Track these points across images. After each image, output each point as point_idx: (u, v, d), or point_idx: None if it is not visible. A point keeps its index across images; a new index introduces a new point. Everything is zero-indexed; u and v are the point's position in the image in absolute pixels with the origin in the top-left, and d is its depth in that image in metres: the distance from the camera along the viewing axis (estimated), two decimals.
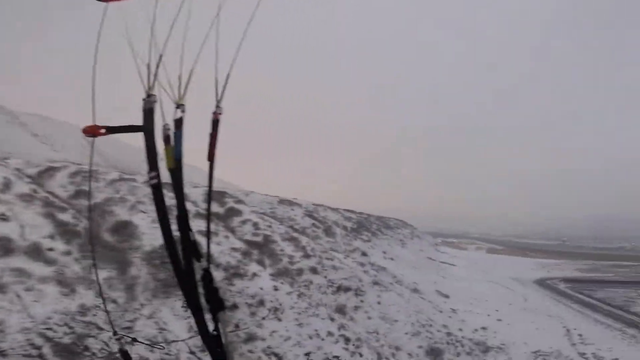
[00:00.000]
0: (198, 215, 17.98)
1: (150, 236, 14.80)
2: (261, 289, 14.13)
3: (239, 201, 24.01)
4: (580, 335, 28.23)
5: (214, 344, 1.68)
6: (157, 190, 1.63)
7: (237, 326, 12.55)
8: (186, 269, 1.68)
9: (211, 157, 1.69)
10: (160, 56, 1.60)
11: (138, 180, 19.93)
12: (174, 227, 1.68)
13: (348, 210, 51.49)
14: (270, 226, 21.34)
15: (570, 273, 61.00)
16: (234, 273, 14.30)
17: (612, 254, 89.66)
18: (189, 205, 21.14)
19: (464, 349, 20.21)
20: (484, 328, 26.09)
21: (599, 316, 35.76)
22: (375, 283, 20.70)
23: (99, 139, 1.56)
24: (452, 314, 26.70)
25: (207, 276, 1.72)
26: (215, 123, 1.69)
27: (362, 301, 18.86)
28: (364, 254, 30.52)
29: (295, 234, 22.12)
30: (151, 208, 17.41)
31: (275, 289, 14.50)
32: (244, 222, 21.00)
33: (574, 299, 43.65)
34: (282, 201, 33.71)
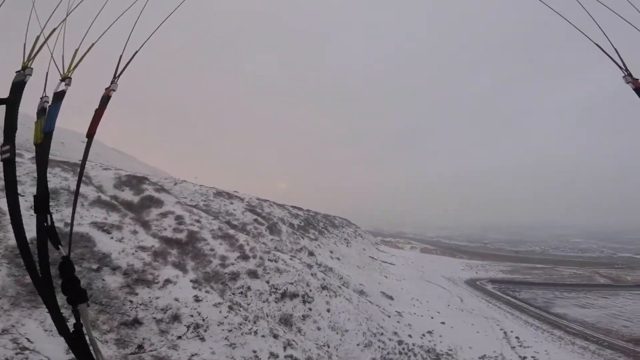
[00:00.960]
0: (100, 203, 13.40)
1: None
2: (176, 299, 10.22)
3: (161, 189, 19.39)
4: (517, 338, 28.38)
5: (76, 340, 1.43)
6: (8, 165, 1.43)
7: (140, 347, 8.57)
8: (40, 256, 1.47)
9: (91, 132, 1.55)
10: (54, 29, 1.56)
11: (25, 157, 14.70)
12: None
13: (295, 207, 48.14)
14: (198, 221, 17.22)
15: (495, 274, 64.61)
16: (138, 279, 10.20)
17: (527, 257, 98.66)
18: (90, 190, 16.13)
19: (416, 359, 18.16)
20: (430, 332, 24.71)
21: (527, 317, 37.02)
22: (324, 287, 17.69)
23: None
24: (398, 317, 24.83)
25: (67, 265, 1.45)
26: (105, 99, 1.57)
27: (310, 309, 15.71)
28: (311, 253, 27.45)
29: (231, 231, 18.21)
30: (31, 190, 11.89)
31: (197, 299, 10.66)
32: (164, 214, 16.64)
33: (502, 300, 45.55)
34: (219, 193, 29.23)
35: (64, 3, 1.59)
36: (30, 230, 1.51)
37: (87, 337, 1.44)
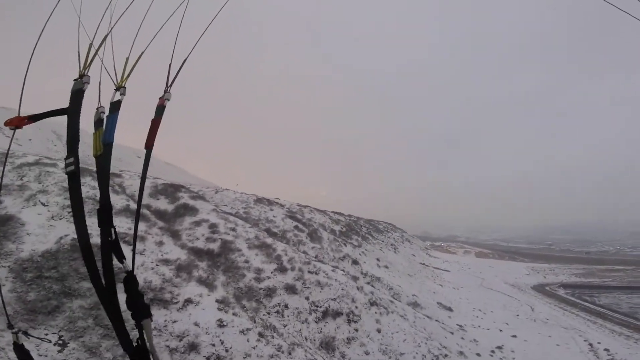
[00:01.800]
0: (127, 212, 12.37)
1: (37, 238, 9.13)
2: (196, 324, 8.56)
3: (198, 197, 18.34)
4: (606, 350, 23.58)
5: (139, 356, 1.41)
6: (73, 178, 1.39)
7: None
8: (104, 270, 1.42)
9: (150, 144, 1.50)
10: (105, 37, 1.52)
11: (59, 166, 14.21)
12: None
13: (336, 213, 46.04)
14: (234, 229, 15.77)
15: (567, 278, 56.90)
16: (154, 298, 8.72)
17: (602, 258, 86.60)
18: (121, 200, 15.45)
19: None
20: (499, 348, 21.01)
21: (612, 326, 31.37)
22: (373, 303, 15.27)
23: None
24: (462, 333, 21.44)
25: (131, 280, 1.41)
26: (160, 109, 1.52)
27: (356, 330, 13.41)
28: (355, 262, 25.08)
29: (269, 240, 16.56)
30: (56, 200, 10.73)
31: (221, 324, 8.92)
32: (197, 223, 15.40)
33: (579, 307, 39.25)
34: (259, 200, 28.06)
35: (116, 10, 1.56)
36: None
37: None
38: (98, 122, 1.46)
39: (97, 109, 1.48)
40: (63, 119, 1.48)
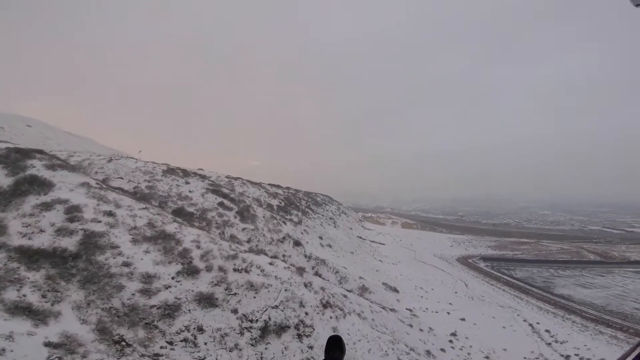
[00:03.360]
0: None
1: None
2: None
3: (60, 166, 11.65)
4: (547, 331, 23.02)
5: None
6: None
7: None
8: None
9: None
10: None
11: None
12: None
13: (273, 185, 40.75)
14: (111, 213, 9.84)
15: (484, 251, 61.12)
16: None
17: (507, 231, 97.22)
18: None
19: None
20: (454, 335, 19.06)
21: (537, 302, 32.10)
22: (326, 305, 11.09)
23: None
24: (416, 321, 18.84)
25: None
26: None
27: (311, 347, 9.17)
28: (297, 243, 20.70)
29: (171, 226, 10.99)
30: None
31: None
32: (47, 205, 9.16)
33: (501, 281, 40.97)
34: (171, 171, 21.48)
35: None
36: None
37: None
38: None
39: None
40: None
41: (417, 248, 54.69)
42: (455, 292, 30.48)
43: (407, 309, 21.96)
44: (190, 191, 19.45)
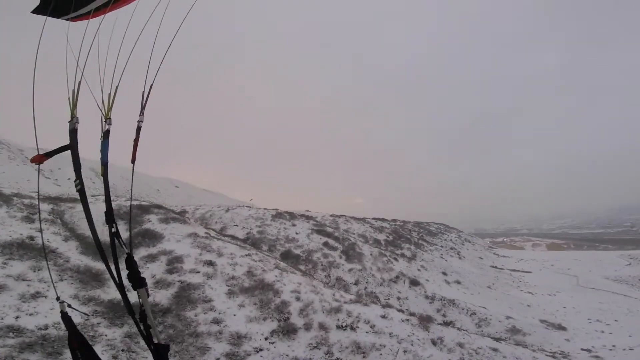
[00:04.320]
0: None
1: None
2: None
3: (173, 219, 12.51)
4: None
5: (140, 316, 1.82)
6: (82, 193, 1.86)
7: None
8: (112, 254, 1.84)
9: (133, 159, 1.90)
10: (79, 83, 1.86)
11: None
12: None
13: (378, 219, 38.45)
14: (211, 263, 9.57)
15: None
16: None
17: None
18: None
19: None
20: None
21: None
22: None
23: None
24: None
25: (130, 259, 1.81)
26: (138, 130, 1.89)
27: None
28: (414, 282, 17.72)
29: (272, 274, 10.11)
30: None
31: None
32: (153, 257, 9.47)
33: None
34: (279, 215, 21.87)
35: (92, 58, 1.90)
36: None
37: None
38: (100, 149, 1.86)
39: (100, 139, 1.89)
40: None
41: (579, 272, 42.65)
42: None
43: (583, 349, 15.85)
44: (296, 233, 19.14)
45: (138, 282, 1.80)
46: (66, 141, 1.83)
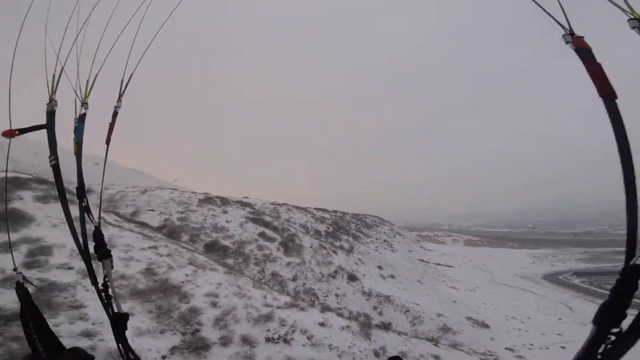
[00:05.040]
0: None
1: None
2: None
3: (53, 198, 9.46)
4: None
5: (103, 290, 1.82)
6: (56, 169, 1.93)
7: None
8: (81, 227, 1.88)
9: (108, 140, 1.99)
10: (62, 68, 1.91)
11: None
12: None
13: (320, 209, 37.36)
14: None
15: (575, 265, 50.93)
16: None
17: (596, 240, 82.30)
18: None
19: None
20: None
21: None
22: None
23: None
24: None
25: (98, 232, 1.88)
26: (114, 114, 2.00)
27: None
28: (352, 277, 16.77)
29: (182, 273, 7.93)
30: None
31: None
32: (11, 246, 6.60)
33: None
34: (208, 200, 19.15)
35: (73, 37, 1.93)
36: None
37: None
38: (74, 131, 1.96)
39: (74, 120, 1.95)
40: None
41: (493, 268, 46.93)
42: (560, 319, 23.71)
43: (506, 348, 16.56)
44: (227, 221, 16.78)
45: (103, 253, 1.86)
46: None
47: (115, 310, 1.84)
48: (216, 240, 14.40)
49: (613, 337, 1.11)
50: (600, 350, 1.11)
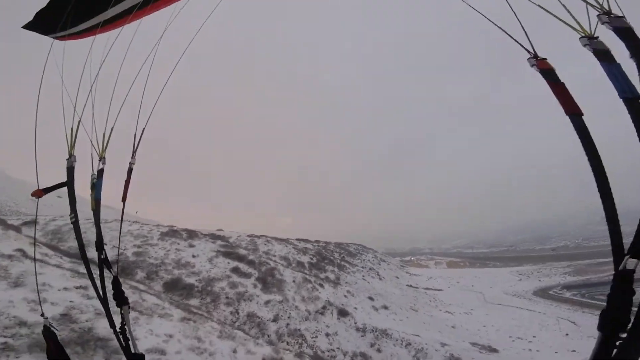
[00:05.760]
0: None
1: None
2: None
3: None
4: None
5: (121, 334, 1.93)
6: (76, 225, 1.99)
7: None
8: (100, 275, 1.98)
9: (124, 198, 1.97)
10: (79, 122, 1.96)
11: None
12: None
13: (301, 240, 34.85)
14: None
15: (562, 279, 50.40)
16: None
17: (574, 254, 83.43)
18: None
19: None
20: None
21: None
22: None
23: None
24: None
25: (116, 281, 1.97)
26: (129, 171, 1.98)
27: None
28: (342, 312, 14.51)
29: (118, 319, 5.77)
30: None
31: None
32: None
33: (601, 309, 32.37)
34: (172, 233, 16.64)
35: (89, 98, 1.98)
36: None
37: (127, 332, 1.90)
38: (92, 186, 1.96)
39: (91, 176, 1.97)
40: None
41: (482, 288, 45.42)
42: (567, 335, 22.14)
43: None
44: (194, 256, 14.35)
45: (122, 300, 1.92)
46: (63, 177, 1.92)
47: (133, 351, 1.92)
48: (179, 278, 11.93)
49: (621, 342, 1.13)
50: (613, 355, 1.14)
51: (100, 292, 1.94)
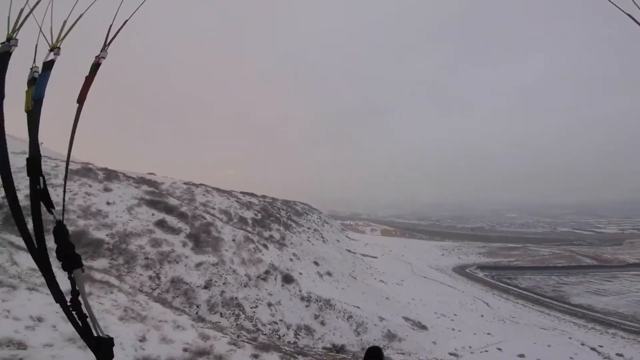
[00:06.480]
0: None
1: None
2: None
3: None
4: (620, 355, 18.62)
5: (73, 308, 1.21)
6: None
7: None
8: (34, 220, 1.19)
9: (81, 99, 1.41)
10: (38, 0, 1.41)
11: None
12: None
13: (247, 194, 32.35)
14: None
15: (477, 259, 55.88)
16: None
17: (487, 235, 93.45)
18: None
19: None
20: None
21: (571, 318, 27.47)
22: None
23: None
24: None
25: (61, 229, 1.21)
26: (94, 66, 1.45)
27: None
28: (287, 278, 13.05)
29: None
30: None
31: None
32: None
33: (511, 293, 35.28)
34: (85, 172, 13.15)
35: None
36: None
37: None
38: (31, 81, 1.39)
39: (31, 68, 1.41)
40: None
41: (411, 259, 48.28)
42: (482, 316, 24.05)
43: (450, 354, 14.97)
44: (108, 203, 11.32)
45: (72, 260, 1.19)
46: None
47: (95, 333, 1.22)
48: (83, 231, 9.11)
49: None
50: None
51: (36, 245, 1.16)
